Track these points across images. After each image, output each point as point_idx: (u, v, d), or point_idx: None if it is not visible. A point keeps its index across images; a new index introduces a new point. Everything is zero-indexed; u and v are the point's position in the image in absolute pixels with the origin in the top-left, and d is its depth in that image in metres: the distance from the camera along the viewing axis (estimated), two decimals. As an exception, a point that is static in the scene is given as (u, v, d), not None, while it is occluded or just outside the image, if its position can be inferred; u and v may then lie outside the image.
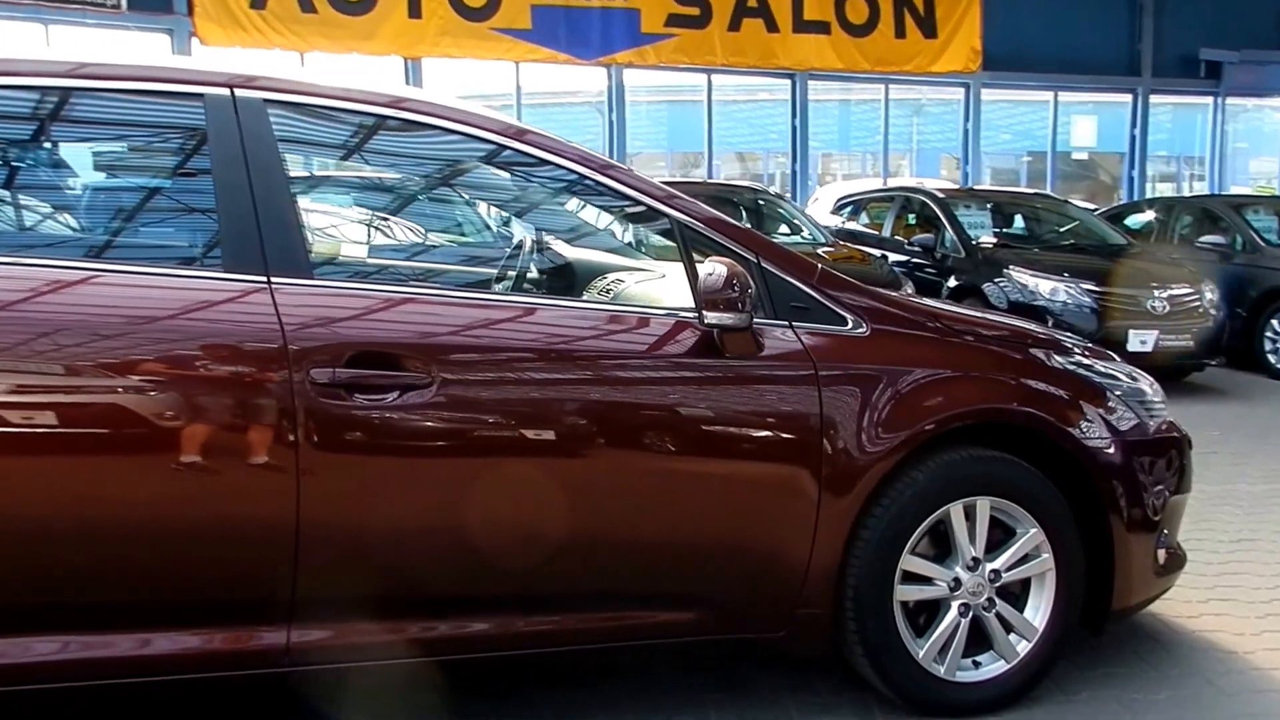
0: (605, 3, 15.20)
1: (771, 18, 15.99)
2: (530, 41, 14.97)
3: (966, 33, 17.13)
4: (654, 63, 15.82)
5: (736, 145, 30.81)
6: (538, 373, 2.75)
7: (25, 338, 2.40)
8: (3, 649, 2.42)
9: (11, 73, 2.64)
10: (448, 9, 14.57)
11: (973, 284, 9.10)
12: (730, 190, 10.77)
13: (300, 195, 2.82)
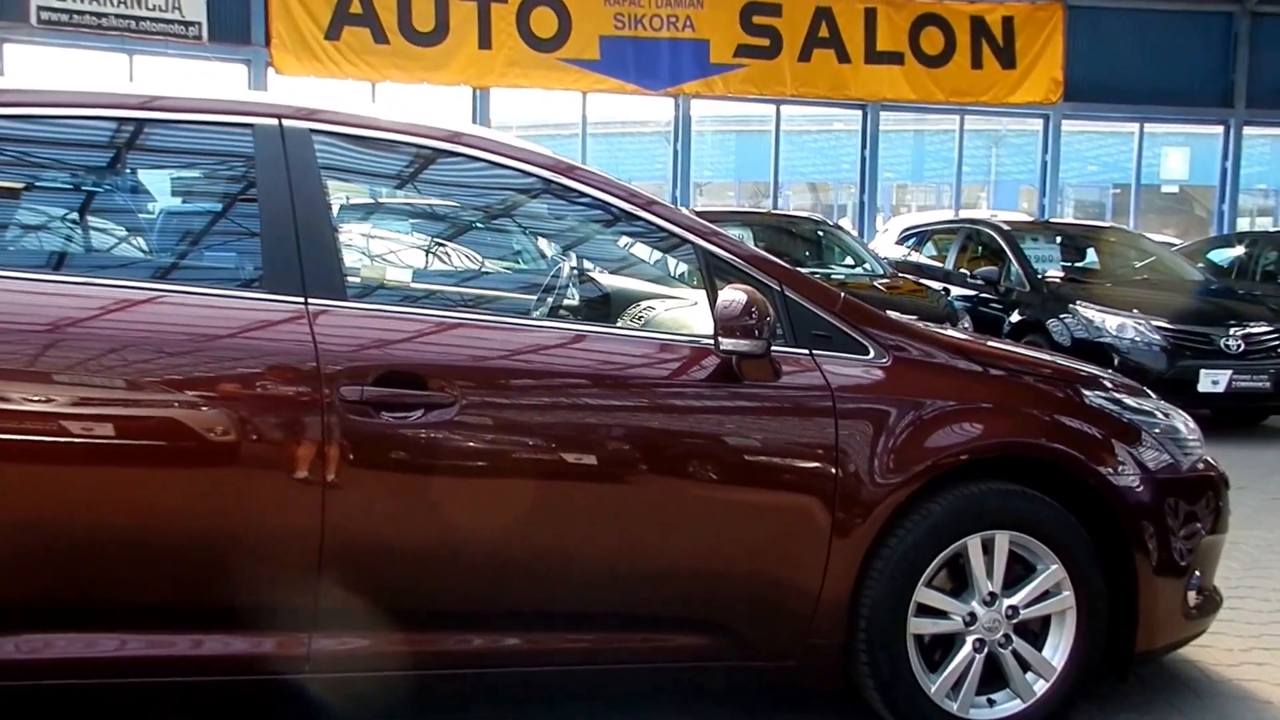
0: (674, 34, 15.41)
1: (843, 48, 16.07)
2: (598, 72, 15.23)
3: (1048, 63, 17.02)
4: (722, 93, 15.98)
5: (808, 175, 30.91)
6: (557, 395, 2.86)
7: (90, 353, 2.59)
8: (58, 644, 2.59)
9: (88, 104, 2.88)
10: (517, 40, 14.90)
11: (1037, 319, 9.04)
12: (790, 221, 10.84)
13: (339, 222, 2.97)
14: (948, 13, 16.38)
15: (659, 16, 15.37)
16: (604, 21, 15.18)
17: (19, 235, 2.98)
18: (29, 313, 2.61)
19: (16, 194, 2.97)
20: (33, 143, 2.90)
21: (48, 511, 2.58)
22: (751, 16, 15.64)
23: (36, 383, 2.56)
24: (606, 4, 15.16)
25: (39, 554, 2.59)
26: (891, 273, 9.19)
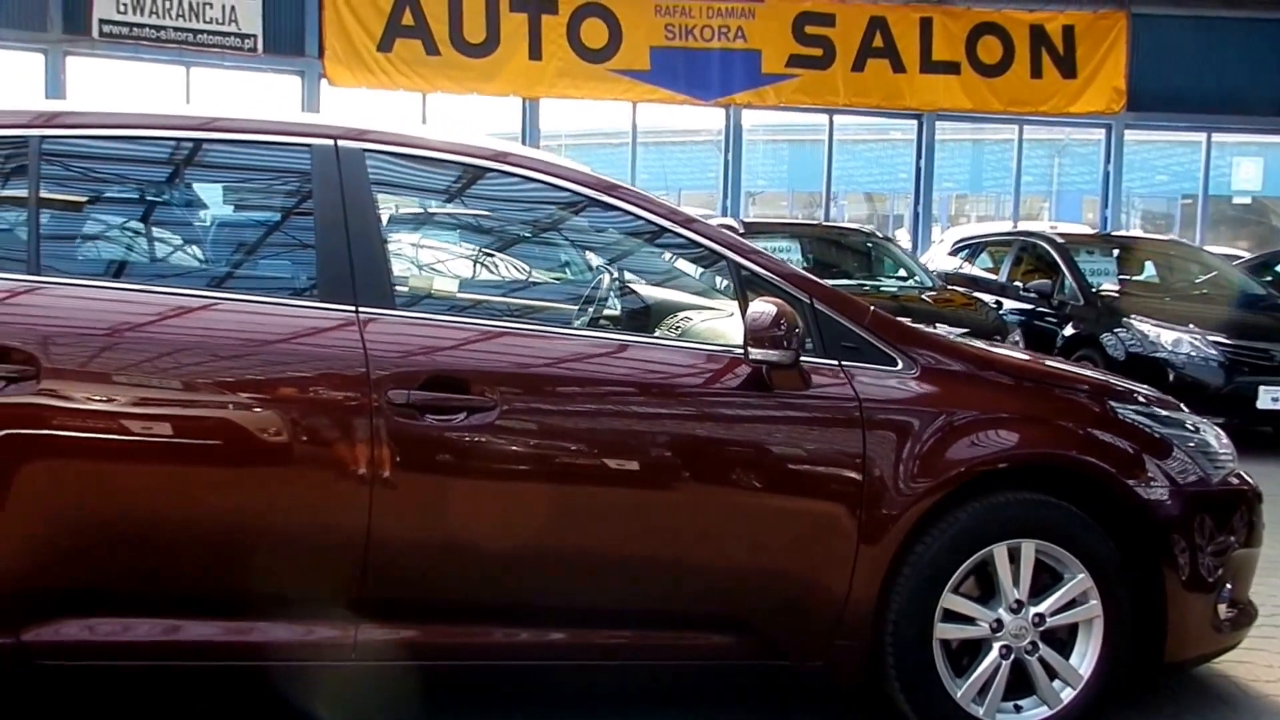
0: (725, 44, 15.58)
1: (898, 58, 16.12)
2: (649, 83, 15.43)
3: (1110, 72, 16.95)
4: (774, 103, 16.11)
5: (865, 185, 30.90)
6: (593, 401, 3.05)
7: (149, 356, 2.82)
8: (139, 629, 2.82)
9: (153, 125, 3.14)
10: (568, 51, 15.14)
11: (1091, 333, 9.07)
12: (839, 233, 10.97)
13: (389, 235, 3.17)
14: (1006, 22, 16.38)
15: (710, 27, 15.54)
16: (655, 32, 15.38)
17: (109, 247, 3.23)
18: (116, 319, 2.85)
19: (109, 208, 3.26)
20: (110, 160, 3.16)
21: (120, 505, 2.81)
22: (804, 26, 15.74)
23: (114, 385, 2.79)
24: (657, 15, 15.36)
25: (113, 544, 2.81)
26: (940, 285, 9.27)
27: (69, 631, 2.80)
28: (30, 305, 2.84)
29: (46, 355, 2.75)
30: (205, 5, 14.34)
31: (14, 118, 3.03)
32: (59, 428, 2.75)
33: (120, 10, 14.08)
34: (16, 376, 2.73)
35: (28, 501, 2.74)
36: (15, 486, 2.73)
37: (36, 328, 2.79)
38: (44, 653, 2.80)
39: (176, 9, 14.22)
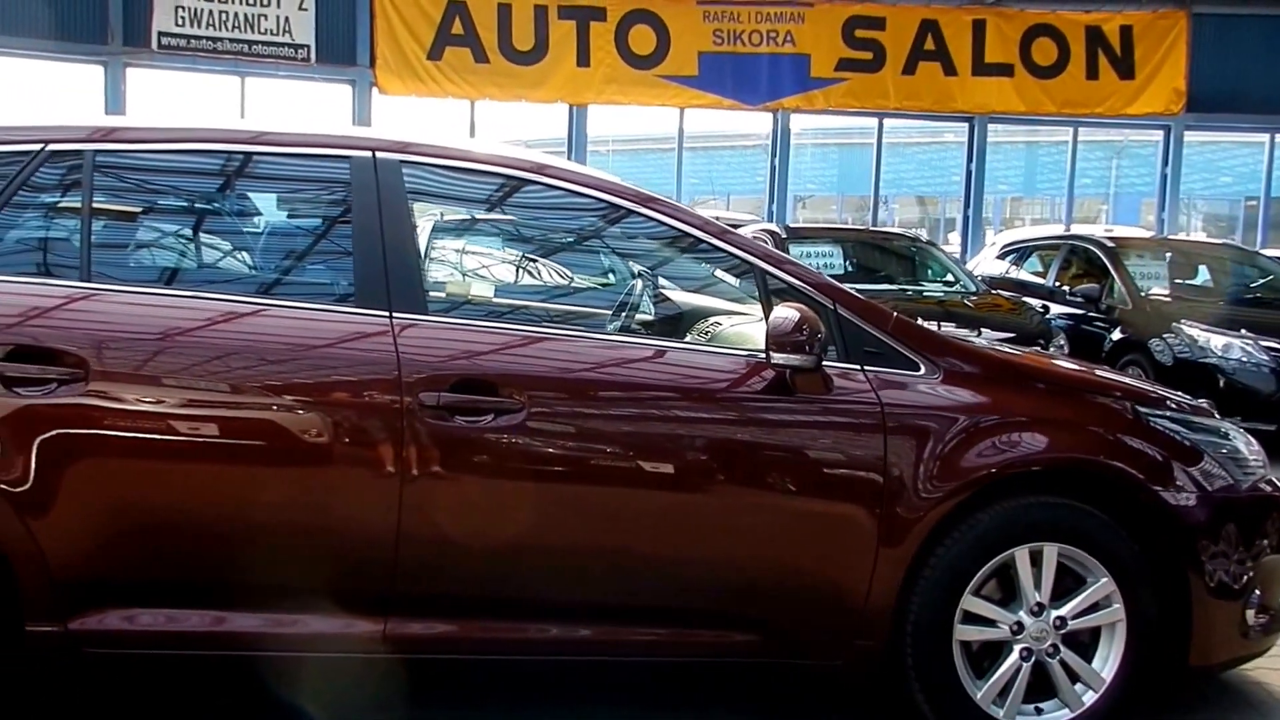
0: (774, 49, 15.64)
1: (950, 61, 16.09)
2: (696, 88, 15.53)
3: (1169, 73, 16.78)
4: (822, 107, 16.15)
5: (916, 188, 30.76)
6: (619, 403, 3.16)
7: (192, 359, 2.98)
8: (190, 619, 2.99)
9: (200, 139, 3.32)
10: (615, 58, 15.29)
11: (1139, 338, 9.01)
12: (884, 237, 10.99)
13: (422, 243, 3.30)
14: (1061, 23, 16.28)
15: (758, 32, 15.61)
16: (703, 38, 15.49)
17: (155, 255, 3.40)
18: (161, 324, 3.01)
19: (155, 218, 3.42)
20: (158, 172, 3.32)
21: (163, 501, 2.97)
22: (854, 30, 15.77)
23: (159, 386, 2.95)
24: (706, 21, 15.46)
25: (157, 539, 2.97)
26: (985, 289, 9.26)
27: (113, 621, 2.96)
28: (81, 310, 3.01)
29: (95, 358, 2.91)
30: (260, 17, 14.67)
31: (71, 133, 3.20)
32: (106, 427, 2.91)
33: (178, 23, 14.45)
34: (67, 378, 2.89)
35: (75, 497, 2.90)
36: (64, 482, 2.89)
37: (86, 332, 2.96)
38: (91, 641, 2.95)
39: (232, 21, 14.56)
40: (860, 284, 8.99)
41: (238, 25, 14.59)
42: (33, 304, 2.98)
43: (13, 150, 3.11)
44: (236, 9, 14.57)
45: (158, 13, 14.35)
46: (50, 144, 3.13)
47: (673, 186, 17.50)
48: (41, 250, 3.18)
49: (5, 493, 2.86)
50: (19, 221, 3.13)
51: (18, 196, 3.09)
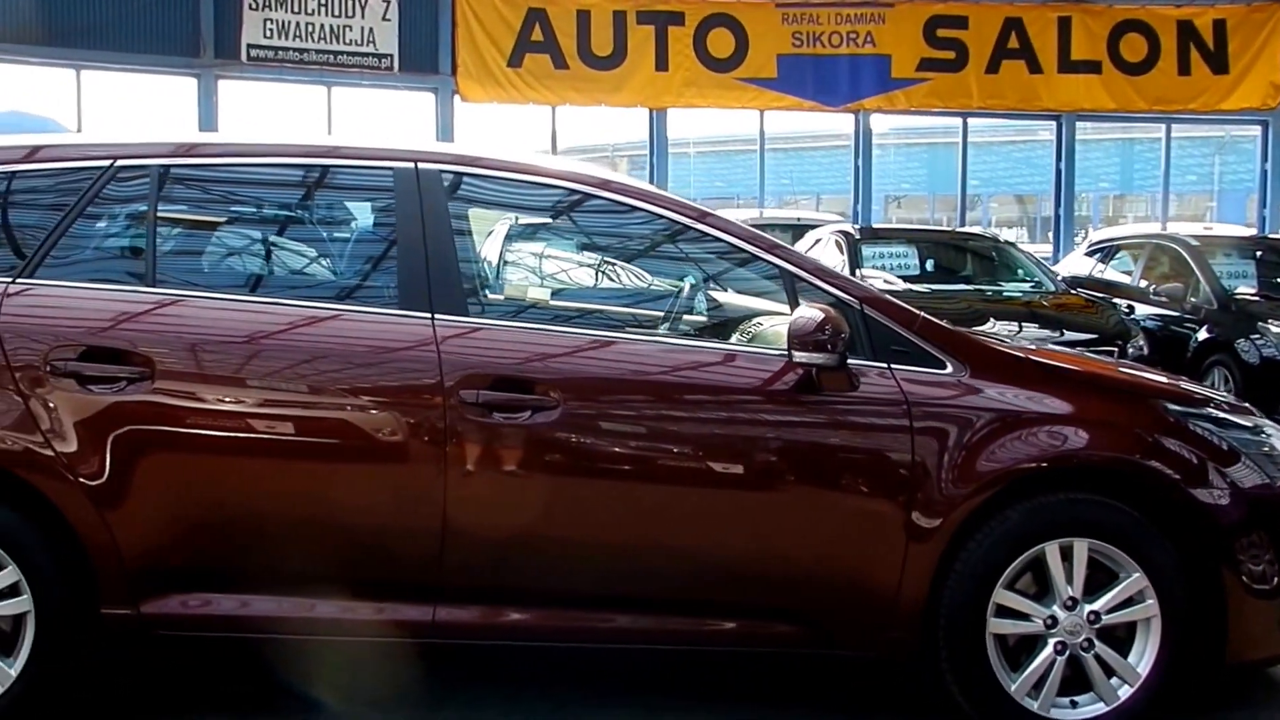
0: (854, 50, 15.66)
1: (1034, 58, 15.96)
2: (776, 90, 15.62)
3: (1264, 66, 16.45)
4: (904, 108, 16.14)
5: (1014, 186, 30.39)
6: (649, 400, 3.32)
7: (248, 358, 3.21)
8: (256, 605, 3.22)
9: (259, 154, 3.57)
10: (694, 61, 15.44)
11: (1225, 338, 8.89)
12: (960, 238, 10.97)
13: (462, 247, 3.48)
14: (1151, 18, 16.05)
15: (838, 33, 15.64)
16: (782, 40, 15.57)
17: (216, 262, 3.63)
18: (220, 326, 3.24)
19: (218, 228, 3.64)
20: (221, 183, 3.57)
21: (222, 493, 3.19)
22: (936, 30, 15.73)
23: (220, 385, 3.19)
24: (785, 23, 15.54)
25: (218, 528, 3.20)
26: (1063, 289, 9.21)
27: (175, 605, 3.19)
28: (147, 314, 3.25)
29: (160, 358, 3.15)
30: (345, 28, 15.12)
31: (137, 149, 3.46)
32: (171, 423, 3.15)
33: (267, 35, 14.96)
34: (135, 377, 3.14)
35: (144, 488, 3.14)
36: (133, 475, 3.13)
37: (152, 334, 3.20)
38: (160, 623, 3.19)
39: (318, 32, 15.03)
40: (935, 284, 9.05)
41: (323, 37, 15.05)
42: (104, 309, 3.23)
43: (85, 166, 3.37)
44: (322, 20, 15.04)
45: (247, 26, 14.87)
46: (119, 160, 3.38)
47: (755, 187, 17.63)
48: (111, 259, 3.44)
49: (83, 486, 3.11)
50: (90, 232, 3.39)
51: (90, 208, 3.35)
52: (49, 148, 3.52)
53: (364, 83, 15.68)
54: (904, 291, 8.35)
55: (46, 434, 3.11)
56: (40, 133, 3.56)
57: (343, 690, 3.46)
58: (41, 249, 3.28)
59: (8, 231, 3.42)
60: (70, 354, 3.15)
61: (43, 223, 3.33)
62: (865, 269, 8.96)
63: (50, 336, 3.16)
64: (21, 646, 3.13)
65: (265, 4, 14.88)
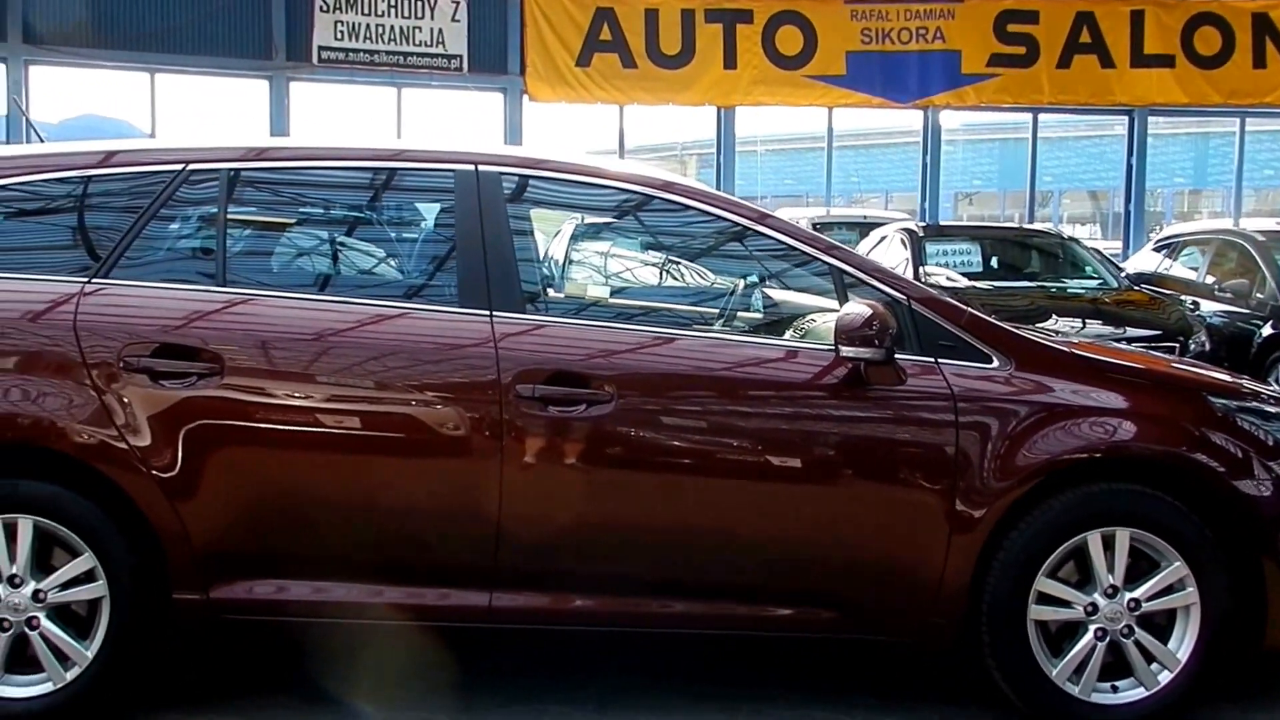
0: (923, 46, 15.60)
1: (1106, 53, 15.76)
2: (844, 87, 15.60)
3: (1341, 59, 16.10)
4: (974, 104, 16.04)
5: (1087, 182, 29.98)
6: (701, 395, 3.44)
7: (313, 354, 3.39)
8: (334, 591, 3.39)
9: (322, 157, 3.77)
10: (763, 59, 15.48)
11: (1292, 333, 8.80)
12: (1024, 234, 10.95)
13: (520, 247, 3.63)
14: (1226, 11, 15.76)
15: (908, 29, 15.60)
16: (851, 37, 15.55)
17: (282, 262, 3.80)
18: (286, 324, 3.41)
19: (284, 229, 3.82)
20: (288, 186, 3.76)
21: (287, 483, 3.36)
22: (1006, 25, 15.59)
23: (285, 380, 3.36)
24: (853, 20, 15.52)
25: (284, 517, 3.37)
26: (1126, 285, 9.17)
27: (242, 591, 3.38)
28: (217, 312, 3.43)
29: (230, 355, 3.34)
30: (415, 29, 15.40)
31: (208, 153, 3.65)
32: (240, 417, 3.33)
33: (338, 37, 15.29)
34: (205, 372, 3.33)
35: (214, 479, 3.33)
36: (203, 467, 3.32)
37: (221, 331, 3.39)
38: (228, 608, 3.38)
39: (388, 34, 15.33)
40: (997, 281, 9.06)
41: (393, 38, 15.35)
42: (176, 307, 3.42)
43: (158, 170, 3.57)
44: (392, 22, 15.34)
45: (318, 28, 15.22)
46: (190, 164, 3.58)
47: (823, 185, 17.64)
48: (183, 259, 3.63)
49: (155, 477, 3.30)
50: (163, 233, 3.58)
51: (163, 211, 3.54)
52: (123, 152, 3.70)
53: (433, 84, 15.95)
54: (966, 289, 8.40)
55: (120, 427, 3.30)
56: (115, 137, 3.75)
57: (392, 678, 3.64)
58: (116, 250, 3.48)
59: (85, 233, 3.62)
60: (143, 351, 3.34)
61: (117, 225, 3.52)
62: (928, 266, 8.99)
63: (124, 334, 3.35)
64: (97, 629, 3.33)
65: (336, 6, 15.21)
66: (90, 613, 3.35)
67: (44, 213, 3.65)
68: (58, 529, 3.30)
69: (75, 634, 3.33)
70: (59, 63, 15.21)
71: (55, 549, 3.34)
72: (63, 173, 3.62)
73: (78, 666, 3.33)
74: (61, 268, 3.52)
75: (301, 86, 15.84)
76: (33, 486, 3.30)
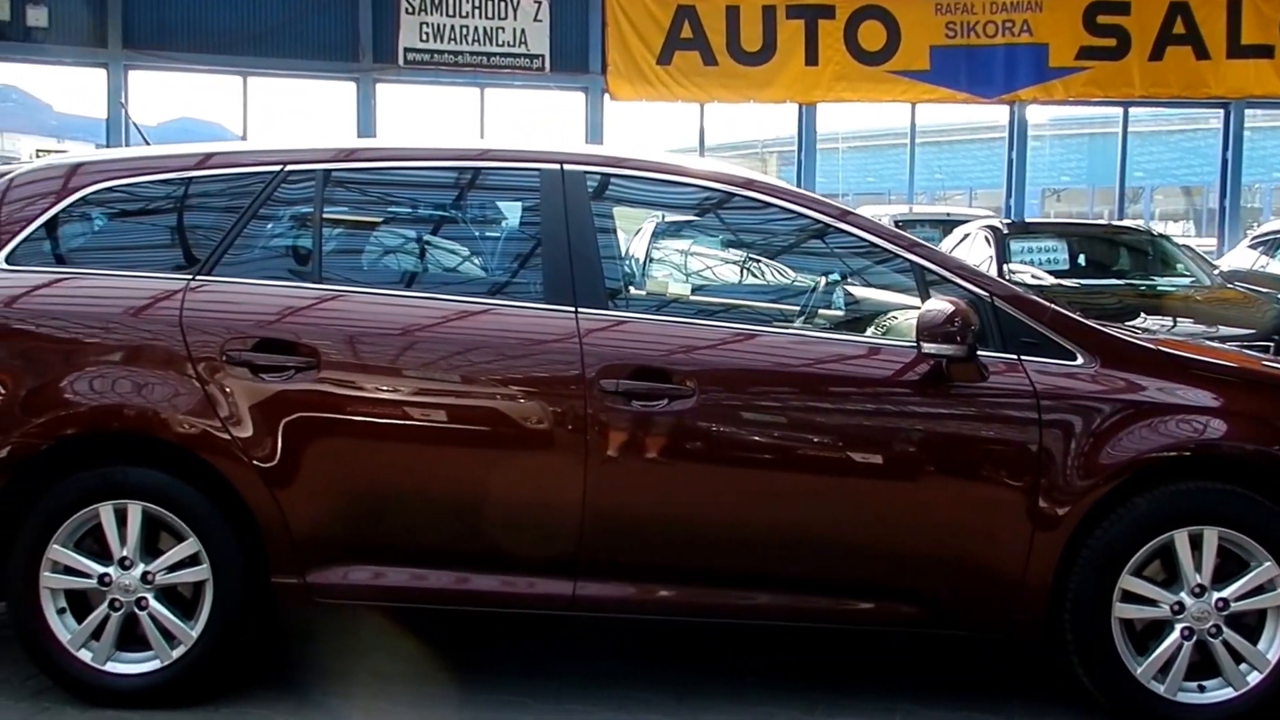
0: (1010, 39, 15.42)
1: (1201, 44, 15.45)
2: (928, 82, 15.49)
3: None
4: (1062, 98, 15.82)
5: (1181, 178, 29.38)
6: (782, 390, 3.50)
7: (405, 349, 3.50)
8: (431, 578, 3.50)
9: (414, 158, 3.89)
10: (845, 55, 15.43)
11: (1391, 331, 8.57)
12: (1113, 231, 10.79)
13: (605, 245, 3.71)
14: (1329, -3, 15.41)
15: (994, 23, 15.44)
16: (935, 31, 15.44)
17: (375, 259, 3.94)
18: (379, 319, 3.53)
19: (376, 227, 3.96)
20: (378, 186, 3.89)
21: (380, 473, 3.48)
22: (1096, 16, 15.36)
23: (379, 374, 3.48)
24: (938, 13, 15.41)
25: (377, 506, 3.49)
26: (1220, 283, 9.00)
27: (337, 576, 3.50)
28: (313, 308, 3.56)
29: (326, 349, 3.47)
30: (498, 29, 15.63)
31: (305, 154, 3.79)
32: (335, 409, 3.46)
33: (423, 38, 15.57)
34: (303, 366, 3.46)
35: (310, 469, 3.46)
36: (301, 456, 3.46)
37: (318, 327, 3.52)
38: (323, 592, 3.51)
39: (472, 35, 15.58)
40: (1084, 279, 8.95)
41: (477, 39, 15.59)
42: (274, 303, 3.56)
43: (258, 171, 3.72)
44: (476, 23, 15.58)
45: (404, 30, 15.51)
46: (288, 165, 3.72)
47: (905, 182, 17.53)
48: (281, 257, 3.77)
49: (256, 467, 3.45)
50: (263, 232, 3.73)
51: (263, 210, 3.69)
52: (221, 154, 3.86)
53: (516, 83, 16.18)
54: (1052, 287, 8.31)
55: (223, 418, 3.45)
56: (209, 139, 3.94)
57: (479, 664, 3.73)
58: (219, 248, 3.63)
59: (187, 232, 3.79)
60: (244, 345, 3.48)
61: (219, 224, 3.68)
62: (1013, 264, 8.92)
63: (226, 329, 3.50)
64: (201, 610, 3.50)
65: (421, 8, 15.48)
66: (195, 595, 3.51)
67: (147, 213, 3.82)
68: (164, 514, 3.47)
69: (181, 614, 3.50)
70: (156, 67, 15.71)
71: (162, 533, 3.51)
72: (164, 174, 3.79)
73: (183, 646, 3.49)
74: (165, 265, 3.69)
75: (387, 88, 16.16)
76: (142, 474, 3.48)
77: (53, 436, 3.47)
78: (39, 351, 3.53)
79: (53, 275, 3.67)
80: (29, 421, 3.47)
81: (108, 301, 3.59)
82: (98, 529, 3.49)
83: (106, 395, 3.48)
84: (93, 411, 3.48)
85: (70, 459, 3.50)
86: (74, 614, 3.52)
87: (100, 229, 3.83)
